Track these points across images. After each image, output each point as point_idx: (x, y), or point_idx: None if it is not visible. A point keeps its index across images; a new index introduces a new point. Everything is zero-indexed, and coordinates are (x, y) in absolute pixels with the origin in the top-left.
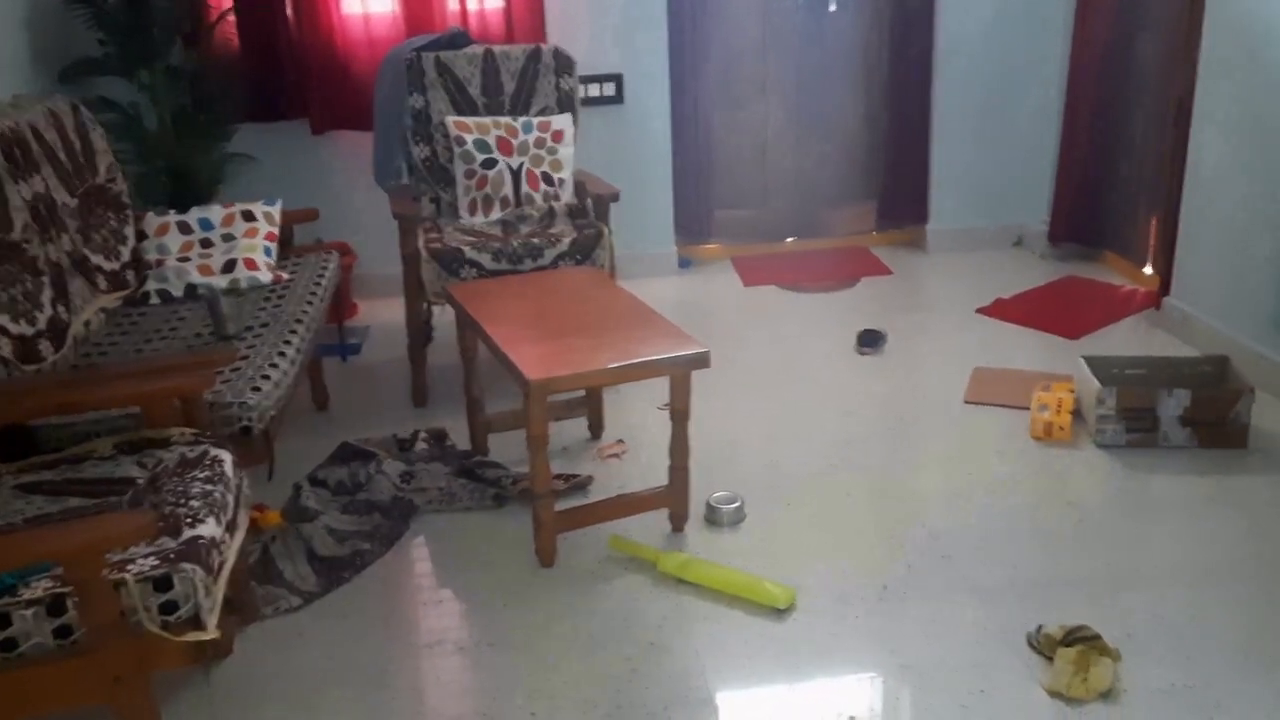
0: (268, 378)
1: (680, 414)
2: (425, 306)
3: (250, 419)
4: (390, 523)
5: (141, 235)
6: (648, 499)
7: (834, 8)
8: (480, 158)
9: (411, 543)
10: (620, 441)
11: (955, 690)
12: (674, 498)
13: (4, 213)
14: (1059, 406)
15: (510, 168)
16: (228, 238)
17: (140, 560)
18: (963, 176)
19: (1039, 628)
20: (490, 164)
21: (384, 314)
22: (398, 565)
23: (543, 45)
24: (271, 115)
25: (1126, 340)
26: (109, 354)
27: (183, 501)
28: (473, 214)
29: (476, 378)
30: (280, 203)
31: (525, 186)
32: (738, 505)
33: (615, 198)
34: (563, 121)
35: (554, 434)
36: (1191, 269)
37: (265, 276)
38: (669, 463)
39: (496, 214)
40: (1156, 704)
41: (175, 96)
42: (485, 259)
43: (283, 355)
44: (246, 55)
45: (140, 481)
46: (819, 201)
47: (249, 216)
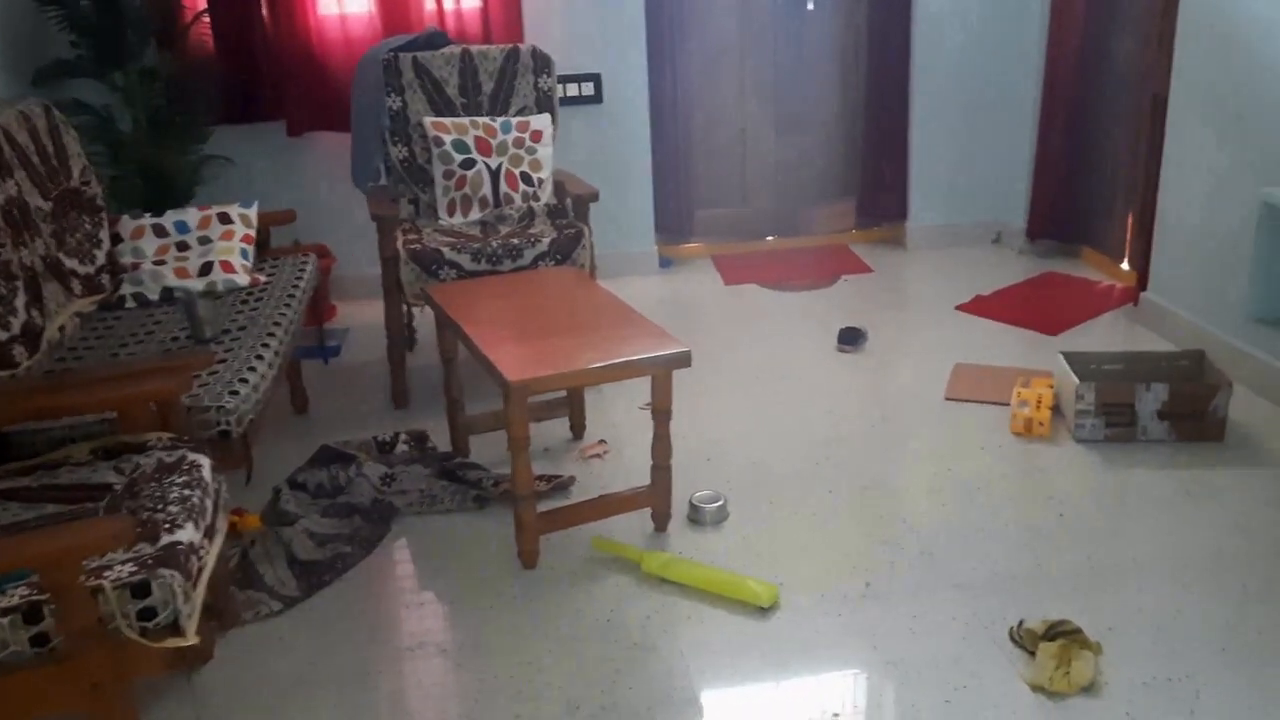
0: (245, 381)
1: (662, 413)
2: (405, 308)
3: (228, 423)
4: (371, 525)
5: (116, 238)
6: (630, 499)
7: (812, 6)
8: (459, 158)
9: (393, 545)
10: (602, 442)
11: (939, 686)
12: (656, 497)
13: None
14: (1039, 402)
15: (489, 168)
16: (204, 240)
17: (118, 566)
18: (942, 174)
19: (1020, 622)
20: (469, 164)
21: (363, 316)
22: (379, 568)
23: (521, 45)
24: (247, 117)
25: (1105, 336)
26: (84, 358)
27: (160, 507)
28: (451, 215)
29: (457, 379)
30: (257, 205)
31: (504, 187)
32: (720, 504)
33: (595, 197)
34: (541, 121)
35: (535, 435)
36: (1168, 265)
37: (242, 279)
38: (651, 462)
39: (475, 214)
40: (1137, 696)
41: (150, 98)
42: (464, 260)
43: (260, 358)
44: (222, 56)
45: (117, 487)
46: (799, 200)
47: (225, 219)
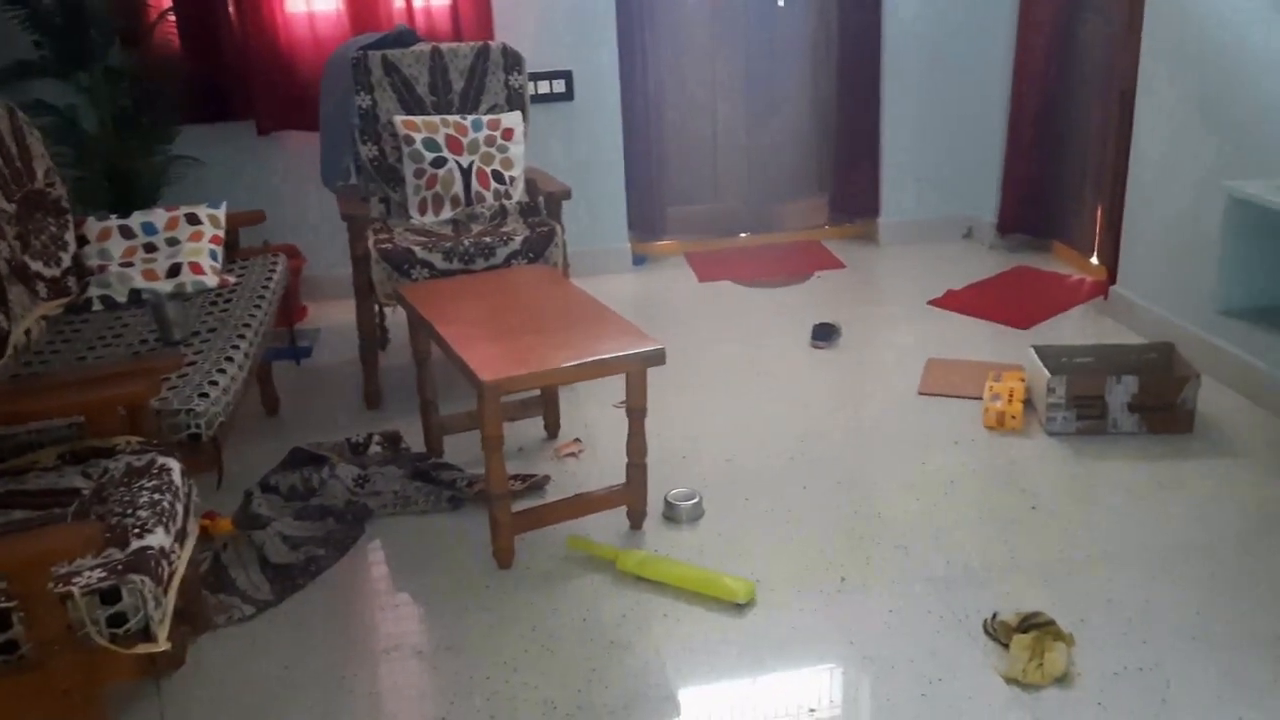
0: (215, 383)
1: (636, 411)
2: (377, 308)
3: (198, 426)
4: (344, 527)
5: (83, 241)
6: (605, 497)
7: (782, 3)
8: (430, 156)
9: (367, 547)
10: (577, 440)
11: (914, 679)
12: (632, 495)
13: None
14: (1011, 396)
15: (460, 166)
16: (172, 242)
17: (87, 572)
18: (913, 169)
19: (994, 615)
20: (440, 163)
21: (335, 316)
22: (353, 570)
23: (491, 42)
24: (215, 116)
25: (1075, 329)
26: (51, 362)
27: (130, 511)
28: (423, 214)
29: (430, 379)
30: (225, 205)
31: (476, 185)
32: (696, 501)
33: (567, 195)
34: (513, 119)
35: (509, 434)
36: (1137, 258)
37: (211, 280)
38: (626, 460)
39: (447, 213)
40: (1109, 687)
41: (115, 98)
42: (436, 259)
43: (230, 360)
44: (188, 55)
45: (86, 492)
46: (772, 196)
47: (194, 220)
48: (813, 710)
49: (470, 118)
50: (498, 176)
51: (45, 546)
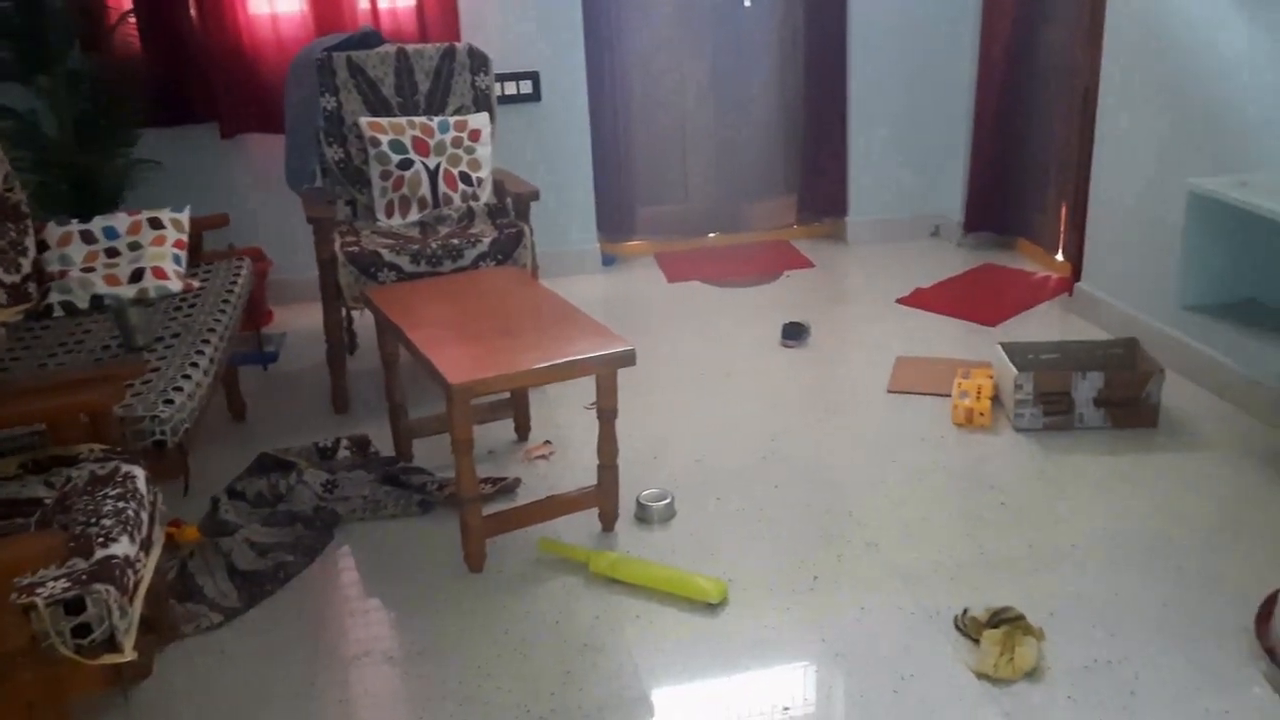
0: (180, 389)
1: (607, 413)
2: (344, 312)
3: (163, 432)
4: (313, 533)
5: (43, 246)
6: (577, 499)
7: (749, 3)
8: (396, 158)
9: (336, 553)
10: (547, 443)
11: (886, 676)
12: (603, 497)
13: None
14: (979, 393)
15: (427, 168)
16: (134, 246)
17: (50, 583)
18: (880, 169)
19: (965, 610)
20: (406, 165)
21: (301, 320)
22: (322, 576)
23: (457, 44)
24: (177, 119)
25: (1041, 326)
26: (11, 370)
27: (94, 520)
28: (390, 216)
29: (399, 383)
30: (189, 209)
31: (443, 187)
32: (668, 502)
33: (535, 196)
34: (480, 120)
35: (479, 437)
36: (1101, 255)
37: (175, 285)
38: (597, 462)
39: (414, 215)
40: (1079, 680)
41: (76, 102)
42: (404, 261)
43: (195, 366)
44: (149, 58)
45: (48, 501)
46: (740, 196)
47: (156, 224)
48: (786, 708)
49: (437, 119)
50: (465, 178)
51: (7, 557)
